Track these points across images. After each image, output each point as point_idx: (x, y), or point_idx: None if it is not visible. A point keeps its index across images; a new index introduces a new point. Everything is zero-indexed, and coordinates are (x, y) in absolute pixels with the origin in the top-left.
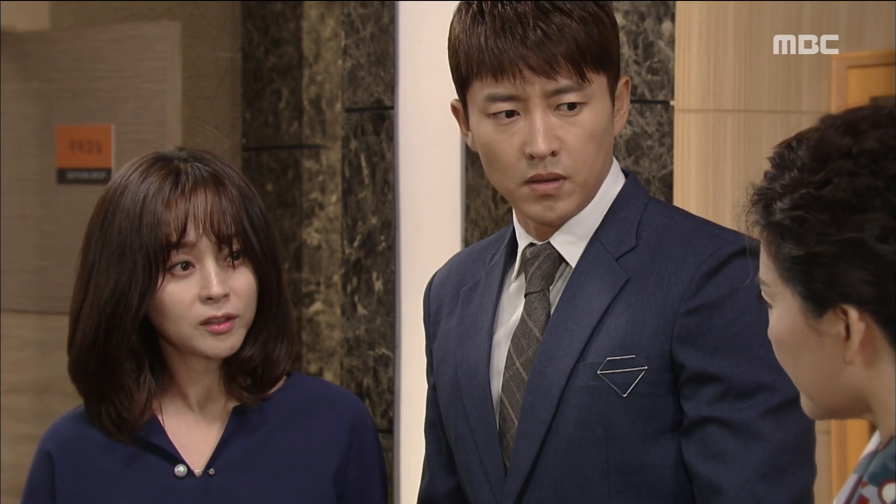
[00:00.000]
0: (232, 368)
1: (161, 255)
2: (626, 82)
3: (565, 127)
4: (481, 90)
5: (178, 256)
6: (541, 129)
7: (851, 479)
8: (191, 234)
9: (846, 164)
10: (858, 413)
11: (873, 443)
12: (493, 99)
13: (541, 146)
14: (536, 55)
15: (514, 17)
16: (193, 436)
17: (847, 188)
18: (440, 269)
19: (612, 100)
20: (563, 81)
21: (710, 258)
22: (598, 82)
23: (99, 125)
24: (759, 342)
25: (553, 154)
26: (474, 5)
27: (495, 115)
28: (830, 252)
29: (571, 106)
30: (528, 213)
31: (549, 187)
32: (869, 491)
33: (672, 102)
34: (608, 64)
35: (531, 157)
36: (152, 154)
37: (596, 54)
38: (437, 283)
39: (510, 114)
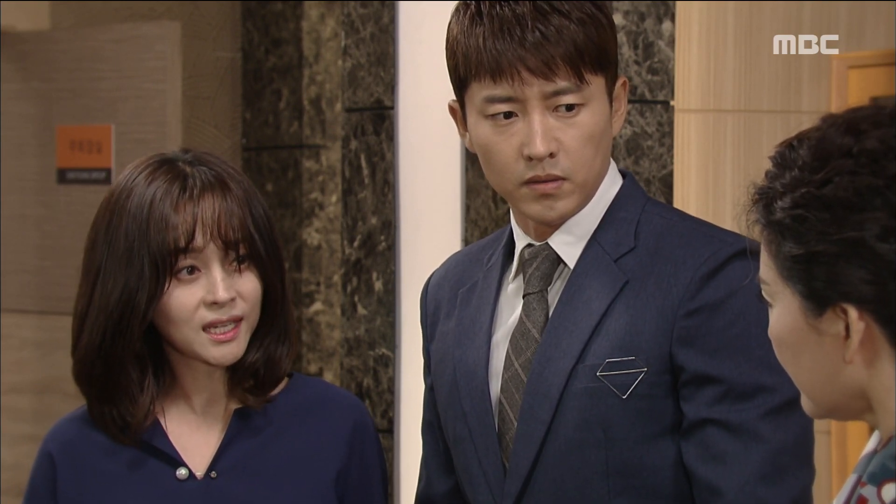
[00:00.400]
0: (237, 374)
1: (169, 260)
2: (624, 83)
3: (564, 128)
4: (479, 91)
5: (184, 261)
6: (539, 130)
7: (851, 479)
8: (198, 240)
9: (847, 164)
10: (858, 413)
11: (872, 442)
12: (492, 100)
13: (539, 148)
14: (535, 57)
15: (512, 19)
16: (195, 438)
17: (848, 187)
18: (436, 269)
19: (610, 101)
20: (562, 83)
21: (710, 260)
22: (597, 83)
23: (99, 125)
24: (758, 343)
25: (551, 156)
26: (472, 6)
27: (493, 116)
28: (831, 251)
29: (570, 107)
30: (528, 213)
31: (548, 187)
32: (868, 491)
33: (672, 102)
34: (606, 65)
35: (529, 158)
36: (156, 156)
37: (594, 56)
38: (433, 283)
39: (508, 115)
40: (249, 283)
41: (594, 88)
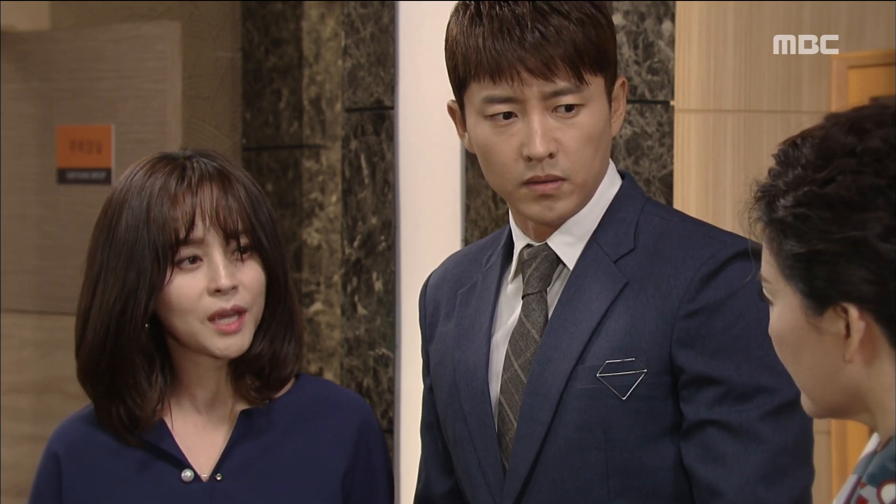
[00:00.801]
0: (241, 366)
1: (169, 251)
2: (623, 83)
3: (563, 129)
4: (479, 92)
5: (186, 251)
6: (538, 130)
7: (850, 480)
8: (198, 229)
9: (850, 163)
10: (857, 412)
11: (872, 443)
12: (491, 101)
13: (538, 148)
14: (534, 57)
15: (511, 19)
16: (200, 440)
17: (850, 186)
18: (435, 270)
19: (610, 101)
20: (561, 83)
21: (710, 261)
22: (596, 84)
23: (99, 125)
24: (758, 344)
25: (551, 156)
26: (472, 6)
27: (493, 116)
28: (832, 250)
29: (569, 108)
30: (527, 214)
31: (548, 187)
32: (868, 492)
33: (672, 102)
34: (605, 65)
35: (529, 158)
36: (158, 154)
37: (593, 56)
38: (432, 284)
39: (508, 115)
40: (252, 272)
41: (593, 89)
